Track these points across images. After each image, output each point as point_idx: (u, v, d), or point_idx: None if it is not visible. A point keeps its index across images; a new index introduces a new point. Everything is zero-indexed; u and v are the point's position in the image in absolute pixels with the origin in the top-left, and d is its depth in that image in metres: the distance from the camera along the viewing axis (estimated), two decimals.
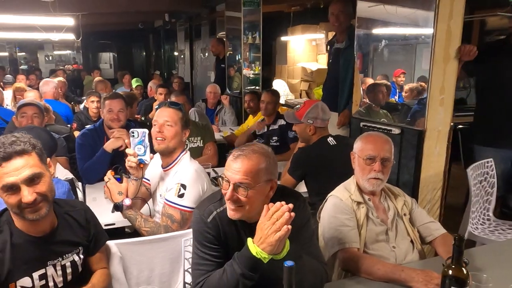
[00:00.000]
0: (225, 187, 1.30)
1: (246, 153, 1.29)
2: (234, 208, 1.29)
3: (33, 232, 1.27)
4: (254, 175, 1.27)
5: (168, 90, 4.53)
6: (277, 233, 1.15)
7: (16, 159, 1.17)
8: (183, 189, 1.75)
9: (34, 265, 1.26)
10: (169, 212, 1.75)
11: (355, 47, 2.72)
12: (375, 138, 1.68)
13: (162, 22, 7.58)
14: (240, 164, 1.27)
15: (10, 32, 6.50)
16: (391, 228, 1.68)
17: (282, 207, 1.18)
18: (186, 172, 1.81)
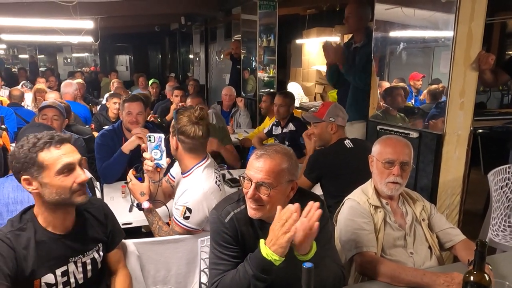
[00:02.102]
0: (247, 186, 1.30)
1: (269, 153, 1.30)
2: (255, 207, 1.30)
3: (57, 229, 1.30)
4: (276, 175, 1.28)
5: (183, 92, 4.58)
6: (287, 234, 1.16)
7: (67, 144, 1.28)
8: (189, 212, 1.72)
9: (57, 262, 1.28)
10: (176, 229, 1.75)
11: (372, 49, 2.70)
12: (395, 141, 1.66)
13: (178, 25, 7.65)
14: (262, 164, 1.28)
15: (31, 35, 6.67)
16: (409, 234, 1.66)
17: (289, 206, 1.19)
18: (193, 195, 1.74)
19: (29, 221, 1.27)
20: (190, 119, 1.75)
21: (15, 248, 1.21)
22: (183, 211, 1.71)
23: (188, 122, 1.74)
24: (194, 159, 1.79)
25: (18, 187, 1.63)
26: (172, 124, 1.80)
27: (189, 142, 1.75)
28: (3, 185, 1.65)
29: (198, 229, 1.74)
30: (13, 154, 1.24)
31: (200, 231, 1.75)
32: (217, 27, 7.48)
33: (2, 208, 1.60)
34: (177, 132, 1.75)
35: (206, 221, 1.73)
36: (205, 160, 1.82)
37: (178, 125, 1.75)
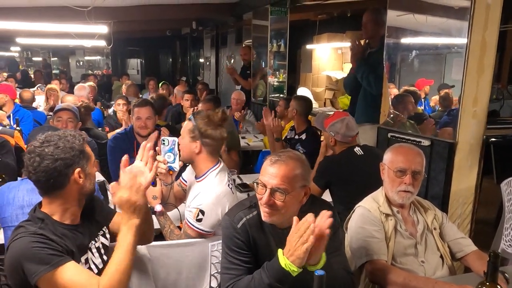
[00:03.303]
0: (261, 191, 1.32)
1: (283, 159, 1.31)
2: (269, 211, 1.31)
3: (72, 221, 1.33)
4: (290, 180, 1.30)
5: (194, 96, 4.61)
6: (304, 245, 1.16)
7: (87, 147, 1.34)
8: (202, 214, 1.73)
9: (80, 251, 1.31)
10: (188, 232, 1.77)
11: (384, 56, 2.70)
12: (407, 150, 1.65)
13: (189, 30, 7.73)
14: (277, 169, 1.30)
15: (46, 39, 6.79)
16: (420, 242, 1.65)
17: (307, 217, 1.19)
18: (206, 197, 1.75)
19: (44, 219, 1.29)
20: (213, 122, 1.78)
21: (51, 237, 1.24)
22: (196, 213, 1.73)
23: (211, 125, 1.78)
24: (211, 162, 1.82)
25: (32, 190, 1.65)
26: (190, 129, 1.80)
27: (213, 144, 1.80)
28: (18, 188, 1.68)
29: (210, 232, 1.75)
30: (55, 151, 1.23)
31: (212, 234, 1.76)
32: (228, 32, 7.52)
33: (17, 211, 1.63)
34: (201, 135, 1.77)
35: (218, 224, 1.73)
36: (218, 164, 1.84)
37: (201, 129, 1.77)
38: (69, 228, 1.31)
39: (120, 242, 1.23)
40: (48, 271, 1.15)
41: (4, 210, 1.66)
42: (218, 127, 1.79)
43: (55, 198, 1.29)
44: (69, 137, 1.28)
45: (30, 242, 1.18)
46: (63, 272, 1.17)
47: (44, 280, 1.16)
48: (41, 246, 1.18)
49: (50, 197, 1.29)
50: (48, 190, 1.27)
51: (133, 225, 1.24)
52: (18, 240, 1.19)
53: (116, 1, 4.36)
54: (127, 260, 1.21)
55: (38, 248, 1.17)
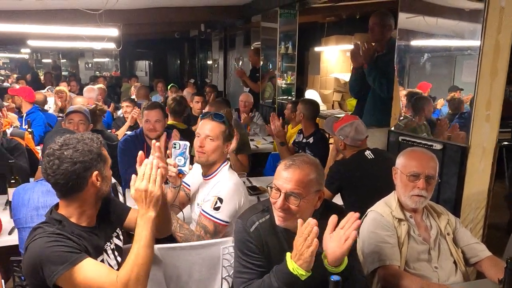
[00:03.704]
0: (275, 196, 1.32)
1: (297, 163, 1.32)
2: (284, 215, 1.31)
3: (88, 223, 1.35)
4: (305, 185, 1.30)
5: (204, 98, 4.62)
6: (309, 248, 1.17)
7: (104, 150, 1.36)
8: (220, 202, 1.77)
9: (96, 252, 1.33)
10: (204, 223, 1.78)
11: (395, 60, 2.69)
12: (420, 154, 1.64)
13: (197, 32, 7.75)
14: (292, 174, 1.30)
15: (56, 41, 6.87)
16: (434, 248, 1.64)
17: (309, 221, 1.19)
18: (225, 186, 1.82)
19: (61, 221, 1.31)
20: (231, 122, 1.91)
21: (69, 237, 1.26)
22: (214, 201, 1.76)
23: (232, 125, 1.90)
24: (222, 161, 1.91)
25: (48, 192, 1.68)
26: (223, 131, 1.88)
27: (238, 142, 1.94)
28: (33, 189, 1.70)
29: (227, 223, 1.76)
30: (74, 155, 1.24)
31: (227, 226, 1.77)
32: (236, 34, 7.54)
33: (32, 212, 1.65)
34: (231, 136, 1.89)
35: (235, 214, 1.76)
36: (227, 161, 1.93)
37: (232, 129, 1.90)
38: (85, 230, 1.32)
39: (138, 236, 1.24)
40: (67, 269, 1.16)
41: (19, 211, 1.68)
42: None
43: (73, 201, 1.30)
44: (87, 140, 1.29)
45: (48, 242, 1.20)
46: (81, 269, 1.18)
47: (63, 279, 1.17)
48: (59, 245, 1.20)
49: (67, 199, 1.30)
50: (66, 193, 1.28)
51: (150, 218, 1.24)
52: (36, 241, 1.21)
53: (126, 4, 4.39)
54: (145, 254, 1.22)
55: (56, 247, 1.19)
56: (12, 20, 4.45)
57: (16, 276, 1.65)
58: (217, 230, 1.77)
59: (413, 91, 2.69)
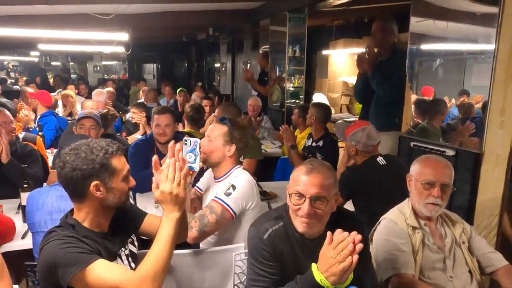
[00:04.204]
0: (298, 202, 1.31)
1: (318, 167, 1.32)
2: (309, 221, 1.31)
3: (101, 229, 1.36)
4: (328, 188, 1.31)
5: (212, 102, 4.64)
6: (342, 263, 1.15)
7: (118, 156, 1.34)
8: (232, 189, 1.78)
9: (110, 257, 1.33)
10: (212, 204, 1.78)
11: (407, 64, 2.67)
12: (435, 162, 1.63)
13: (205, 35, 7.79)
14: (315, 178, 1.30)
15: (66, 45, 6.94)
16: (449, 257, 1.62)
17: (348, 237, 1.18)
18: (240, 179, 1.85)
19: (75, 226, 1.32)
20: (242, 128, 1.91)
21: (81, 239, 1.27)
22: (227, 187, 1.78)
23: (243, 130, 1.90)
24: (233, 164, 1.91)
25: (61, 197, 1.69)
26: (225, 133, 1.88)
27: (243, 148, 1.93)
28: (47, 194, 1.71)
29: (232, 214, 1.76)
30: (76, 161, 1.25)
31: (232, 218, 1.77)
32: (244, 38, 7.55)
33: (46, 216, 1.66)
34: (236, 140, 1.87)
35: (242, 211, 1.78)
36: (239, 165, 1.95)
37: (237, 133, 1.87)
38: (98, 235, 1.33)
39: (160, 233, 1.25)
40: (80, 269, 1.18)
41: (33, 215, 1.69)
42: (245, 133, 1.91)
43: (81, 206, 1.31)
44: (95, 149, 1.27)
45: (61, 244, 1.21)
46: (94, 269, 1.19)
47: (77, 279, 1.18)
48: (72, 247, 1.21)
49: (75, 204, 1.32)
50: (71, 196, 1.31)
51: (174, 217, 1.25)
52: (50, 243, 1.23)
53: (136, 9, 4.42)
54: (166, 251, 1.22)
55: (69, 249, 1.20)
56: (24, 24, 4.50)
57: (29, 281, 1.66)
58: (223, 216, 1.75)
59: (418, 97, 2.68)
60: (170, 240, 1.24)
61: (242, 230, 1.83)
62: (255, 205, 1.85)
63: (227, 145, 1.87)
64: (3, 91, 6.16)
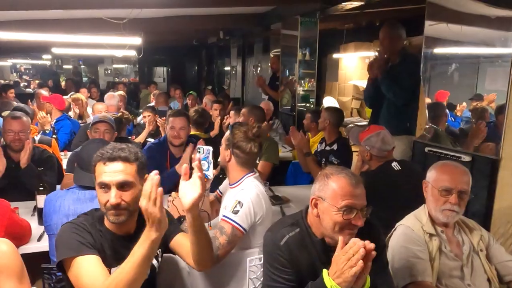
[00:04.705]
0: (349, 216, 1.30)
1: (357, 178, 1.35)
2: (353, 232, 1.31)
3: (118, 231, 1.38)
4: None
5: (222, 105, 4.65)
6: (353, 268, 1.14)
7: (118, 162, 1.32)
8: (240, 206, 1.75)
9: (120, 258, 1.32)
10: (221, 224, 1.76)
11: (421, 69, 2.65)
12: (452, 169, 1.61)
13: (216, 39, 7.81)
14: (362, 189, 1.33)
15: (79, 49, 7.02)
16: (466, 264, 1.59)
17: (358, 242, 1.17)
18: (247, 192, 1.80)
19: (98, 219, 1.37)
20: (246, 135, 1.81)
21: (90, 232, 1.31)
22: (234, 204, 1.75)
23: (244, 138, 1.81)
24: (242, 171, 1.87)
25: (78, 200, 1.71)
26: (227, 137, 1.86)
27: (243, 157, 1.83)
28: (64, 197, 1.73)
29: (243, 230, 1.72)
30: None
31: (242, 234, 1.73)
32: (255, 41, 7.56)
33: (62, 219, 1.67)
34: (233, 146, 1.82)
35: (251, 225, 1.74)
36: (253, 172, 1.89)
37: (234, 139, 1.82)
38: (115, 236, 1.35)
39: (133, 252, 1.21)
40: (70, 256, 1.26)
41: (50, 217, 1.71)
42: (251, 141, 1.83)
43: None
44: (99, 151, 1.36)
45: (70, 228, 1.31)
46: (81, 262, 1.25)
47: (66, 263, 1.28)
48: (76, 233, 1.29)
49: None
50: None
51: (149, 237, 1.18)
52: (66, 224, 1.35)
53: (149, 13, 4.46)
54: (134, 272, 1.18)
55: (73, 234, 1.29)
56: (39, 29, 4.57)
57: (46, 283, 1.67)
58: (234, 234, 1.72)
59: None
60: (141, 261, 1.19)
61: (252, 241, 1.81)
62: (264, 217, 1.80)
63: (226, 150, 1.87)
64: (16, 94, 6.24)
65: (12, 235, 1.66)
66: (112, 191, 1.30)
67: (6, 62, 14.61)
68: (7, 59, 14.03)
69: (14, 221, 1.79)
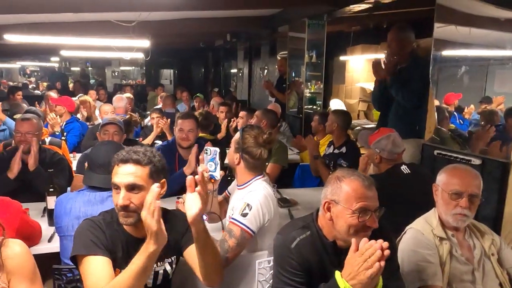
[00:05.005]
0: (365, 217, 1.30)
1: (369, 179, 1.35)
2: (367, 234, 1.31)
3: (135, 233, 1.39)
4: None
5: (228, 108, 4.66)
6: (369, 270, 1.14)
7: (130, 164, 1.34)
8: (248, 209, 1.75)
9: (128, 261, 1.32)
10: (230, 227, 1.77)
11: (430, 71, 2.64)
12: (463, 172, 1.60)
13: (223, 41, 7.85)
14: (373, 190, 1.34)
15: (87, 51, 7.10)
16: (478, 269, 1.58)
17: (375, 244, 1.17)
18: (256, 194, 1.80)
19: (117, 219, 1.38)
20: (257, 140, 1.80)
21: (105, 232, 1.34)
22: (243, 207, 1.75)
23: (254, 143, 1.80)
24: (250, 175, 1.87)
25: (88, 202, 1.72)
26: (236, 140, 1.85)
27: (252, 162, 1.83)
28: (75, 199, 1.74)
29: (251, 233, 1.73)
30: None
31: (251, 237, 1.74)
32: (261, 44, 7.58)
33: (73, 221, 1.69)
34: (242, 150, 1.81)
35: (260, 227, 1.74)
36: (262, 176, 1.89)
37: (244, 144, 1.81)
38: (131, 237, 1.37)
39: (132, 262, 1.23)
40: (81, 253, 1.30)
41: (61, 219, 1.73)
42: (261, 147, 1.82)
43: None
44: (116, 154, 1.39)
45: (87, 225, 1.36)
46: (90, 261, 1.28)
47: (78, 259, 1.32)
48: (91, 232, 1.32)
49: None
50: None
51: (147, 250, 1.19)
52: (86, 220, 1.39)
53: (157, 16, 4.50)
54: (131, 282, 1.20)
55: (88, 232, 1.33)
56: (49, 31, 4.63)
57: (56, 284, 1.69)
58: (243, 237, 1.73)
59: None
60: (137, 273, 1.20)
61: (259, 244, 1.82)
62: (272, 219, 1.80)
63: (235, 153, 1.86)
64: (24, 96, 6.31)
65: (23, 235, 1.68)
66: (121, 193, 1.32)
67: (15, 65, 14.79)
68: (16, 61, 14.21)
69: (26, 222, 1.81)
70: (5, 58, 12.57)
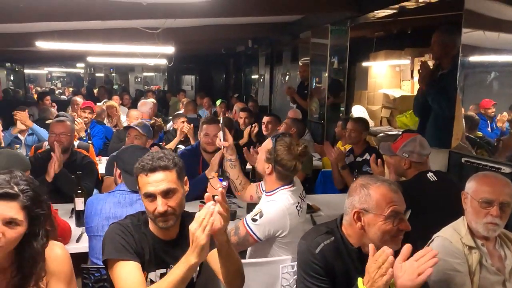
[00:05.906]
0: (391, 223, 1.31)
1: (391, 182, 1.37)
2: (401, 238, 1.33)
3: (161, 236, 1.42)
4: None
5: (248, 114, 4.68)
6: (384, 277, 1.15)
7: (159, 172, 1.37)
8: (259, 216, 1.76)
9: (159, 263, 1.39)
10: (239, 225, 1.79)
11: (458, 77, 2.59)
12: (493, 180, 1.56)
13: (244, 48, 7.92)
14: (400, 193, 1.34)
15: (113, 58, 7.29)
16: (509, 280, 1.53)
17: (386, 250, 1.17)
18: (273, 206, 1.79)
19: (144, 222, 1.43)
20: (290, 151, 1.79)
21: (134, 235, 1.37)
22: (256, 212, 1.77)
23: (288, 155, 1.79)
24: (279, 184, 1.86)
25: (118, 204, 1.77)
26: (268, 150, 1.84)
27: (284, 173, 1.83)
28: (106, 200, 1.80)
29: (258, 239, 1.74)
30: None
31: (255, 242, 1.75)
32: (283, 50, 7.60)
33: (103, 222, 1.74)
34: (275, 161, 1.81)
35: (268, 236, 1.75)
36: (291, 185, 1.87)
37: (277, 157, 1.80)
38: (157, 240, 1.39)
39: (171, 272, 1.26)
40: (113, 257, 1.33)
41: (92, 219, 1.78)
42: (295, 160, 1.80)
43: None
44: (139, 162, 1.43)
45: (117, 229, 1.38)
46: (120, 265, 1.30)
47: (109, 263, 1.35)
48: (121, 236, 1.35)
49: None
50: None
51: (189, 262, 1.21)
52: (115, 224, 1.42)
53: (182, 23, 4.59)
54: None
55: (118, 236, 1.36)
56: (76, 38, 4.80)
57: (85, 283, 1.73)
58: (246, 239, 1.75)
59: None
60: (177, 283, 1.22)
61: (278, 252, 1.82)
62: (287, 233, 1.79)
63: (267, 163, 1.85)
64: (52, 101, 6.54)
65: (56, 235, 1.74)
66: (158, 200, 1.35)
67: (42, 70, 15.35)
68: (43, 68, 14.75)
69: (57, 223, 1.87)
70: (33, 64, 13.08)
